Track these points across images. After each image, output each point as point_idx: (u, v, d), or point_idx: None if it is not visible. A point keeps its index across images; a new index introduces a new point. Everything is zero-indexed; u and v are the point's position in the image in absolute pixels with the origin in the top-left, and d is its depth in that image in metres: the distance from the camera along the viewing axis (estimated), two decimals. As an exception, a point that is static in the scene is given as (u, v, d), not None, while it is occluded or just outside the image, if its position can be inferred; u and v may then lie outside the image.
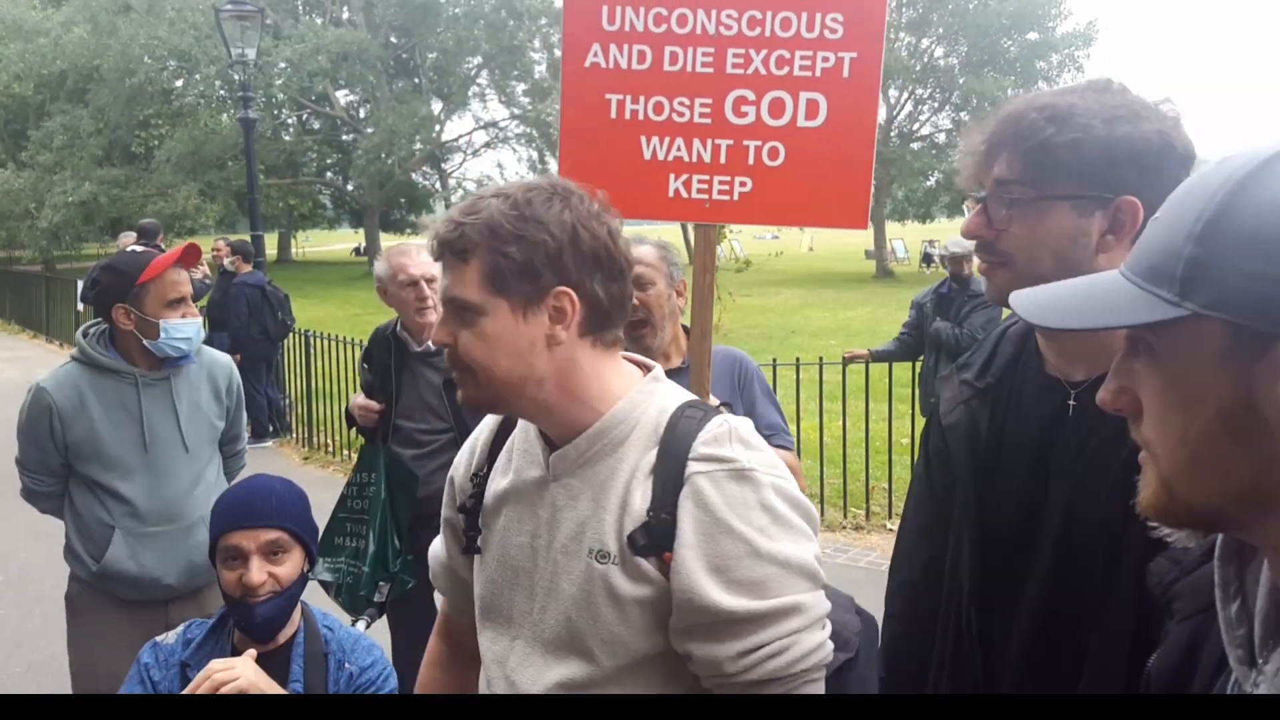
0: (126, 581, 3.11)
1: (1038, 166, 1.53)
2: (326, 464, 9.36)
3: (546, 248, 1.48)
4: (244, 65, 11.99)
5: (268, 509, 2.28)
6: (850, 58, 2.57)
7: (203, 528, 3.11)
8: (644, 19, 2.66)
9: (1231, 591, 0.92)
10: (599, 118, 2.69)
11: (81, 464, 3.12)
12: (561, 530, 1.54)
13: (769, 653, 1.43)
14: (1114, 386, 0.92)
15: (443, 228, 1.52)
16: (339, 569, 3.65)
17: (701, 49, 2.64)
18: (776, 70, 2.60)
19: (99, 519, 3.12)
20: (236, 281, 10.02)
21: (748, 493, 1.46)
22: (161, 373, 3.18)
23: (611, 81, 2.69)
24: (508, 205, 1.49)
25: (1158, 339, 0.85)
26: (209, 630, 2.32)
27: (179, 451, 3.19)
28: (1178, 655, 1.02)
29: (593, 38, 2.68)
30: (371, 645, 2.36)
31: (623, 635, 1.48)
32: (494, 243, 1.48)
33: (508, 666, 1.59)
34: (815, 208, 2.64)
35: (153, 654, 2.30)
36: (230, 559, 2.25)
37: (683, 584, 1.43)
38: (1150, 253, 0.86)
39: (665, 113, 2.67)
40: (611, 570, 1.48)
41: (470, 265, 1.49)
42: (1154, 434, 0.87)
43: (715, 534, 1.44)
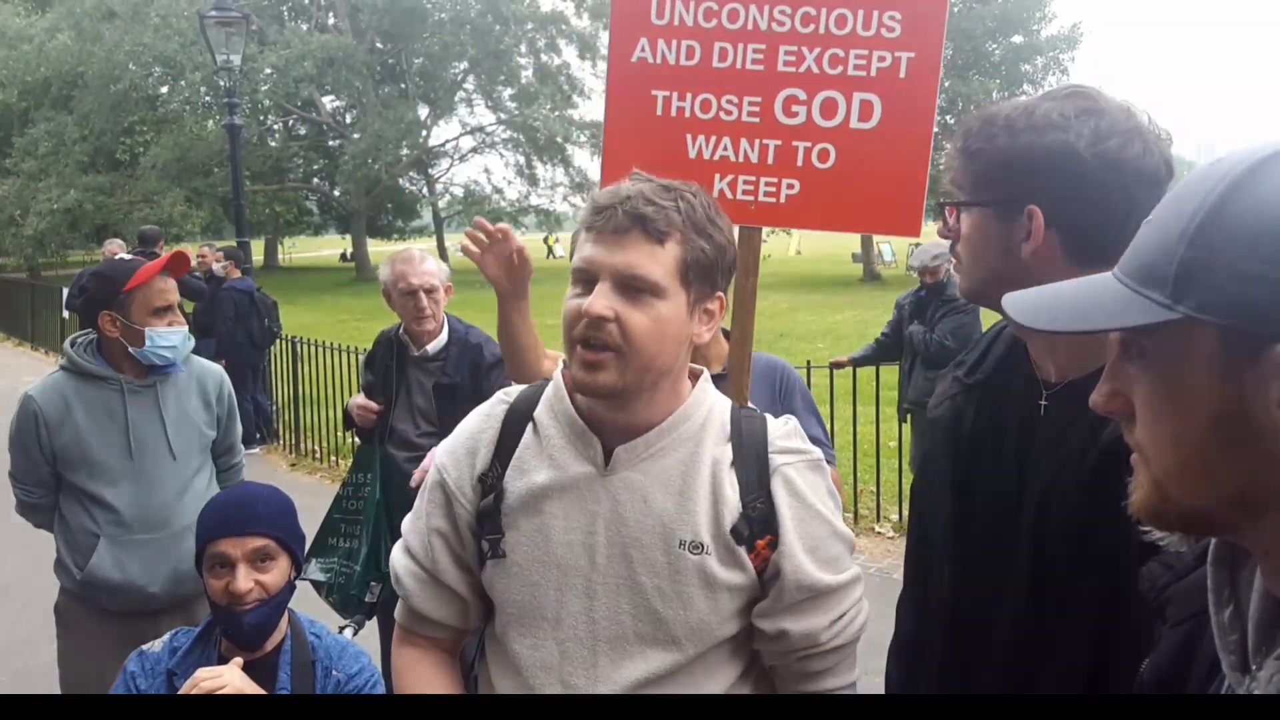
0: (110, 590, 3.08)
1: (970, 172, 1.60)
2: (314, 470, 9.33)
3: (725, 253, 1.59)
4: (229, 71, 11.95)
5: (254, 516, 2.28)
6: (908, 57, 2.46)
7: (189, 536, 3.09)
8: (694, 14, 2.56)
9: (1225, 597, 0.91)
10: (644, 114, 2.61)
11: (68, 471, 3.11)
12: (629, 524, 1.55)
13: (850, 618, 1.61)
14: (1107, 389, 0.91)
15: (634, 202, 1.50)
16: (331, 568, 3.65)
17: (752, 46, 2.54)
18: (830, 69, 2.51)
19: (85, 527, 3.11)
20: (225, 287, 10.00)
21: (821, 480, 1.62)
22: (148, 380, 3.15)
23: (658, 77, 2.60)
24: (700, 199, 1.56)
25: (1150, 342, 0.85)
26: (195, 638, 2.32)
27: (165, 459, 3.16)
28: (1170, 660, 1.01)
29: (640, 32, 2.59)
30: (359, 652, 2.35)
31: (710, 621, 1.55)
32: (693, 235, 1.53)
33: (563, 672, 1.56)
34: (866, 212, 2.55)
35: (139, 662, 2.29)
36: (217, 566, 2.24)
37: (791, 565, 1.55)
38: (1143, 255, 0.85)
39: (712, 110, 2.58)
40: (707, 560, 1.54)
41: (666, 249, 1.51)
42: (1146, 437, 0.87)
43: (807, 518, 1.57)
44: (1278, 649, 0.84)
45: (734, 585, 1.55)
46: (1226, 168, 0.81)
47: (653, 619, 1.54)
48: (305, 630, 2.34)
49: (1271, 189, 0.78)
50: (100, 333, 3.12)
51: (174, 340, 3.11)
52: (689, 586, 1.53)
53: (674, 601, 1.53)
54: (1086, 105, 1.53)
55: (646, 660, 1.54)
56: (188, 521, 3.07)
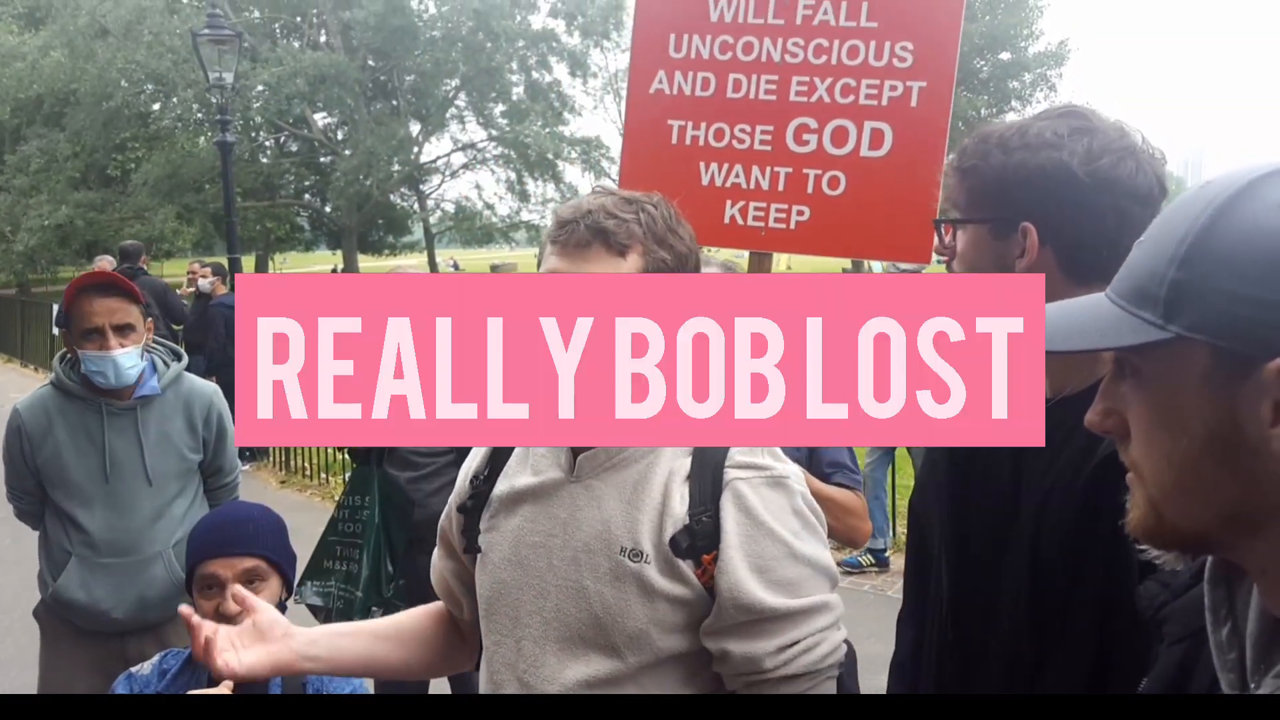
0: (76, 609, 3.06)
1: (965, 190, 1.62)
2: (304, 488, 9.30)
3: (686, 261, 1.58)
4: (221, 89, 11.99)
5: (244, 536, 2.25)
6: (919, 87, 2.51)
7: (160, 563, 3.08)
8: (710, 46, 2.62)
9: (1222, 615, 0.91)
10: (659, 143, 2.66)
11: (49, 488, 3.10)
12: (582, 529, 1.57)
13: (804, 648, 1.53)
14: (1101, 409, 0.92)
15: (598, 216, 1.53)
16: (329, 593, 3.59)
17: (766, 76, 2.60)
18: (841, 99, 2.55)
19: (60, 544, 3.10)
20: (214, 303, 9.98)
21: (782, 499, 1.56)
22: (129, 402, 3.09)
23: (674, 108, 2.66)
24: (658, 212, 1.57)
25: (1143, 361, 0.86)
26: (185, 661, 2.28)
27: (141, 484, 3.10)
28: (1168, 679, 1.01)
29: (659, 65, 2.65)
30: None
31: (650, 632, 1.52)
32: (653, 245, 1.54)
33: (519, 669, 1.60)
34: (875, 239, 2.57)
35: (127, 685, 2.27)
36: (207, 588, 2.22)
37: (728, 583, 1.50)
38: (1135, 275, 0.86)
39: (725, 139, 2.63)
40: (646, 569, 1.52)
41: (628, 260, 1.53)
42: (1141, 456, 0.87)
43: (757, 536, 1.52)
44: (1276, 667, 0.84)
45: (674, 597, 1.52)
46: (1215, 191, 0.83)
47: (595, 623, 1.55)
48: (296, 652, 2.32)
49: (1258, 212, 0.80)
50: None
51: (103, 365, 2.99)
52: (627, 594, 1.53)
53: (613, 608, 1.53)
54: (1080, 124, 1.56)
55: (588, 664, 1.55)
56: (160, 547, 3.08)
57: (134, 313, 3.04)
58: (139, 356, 3.06)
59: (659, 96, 2.69)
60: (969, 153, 1.61)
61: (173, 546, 3.11)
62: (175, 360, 3.30)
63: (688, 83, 2.66)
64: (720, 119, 2.64)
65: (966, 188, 1.62)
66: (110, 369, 2.99)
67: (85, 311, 2.97)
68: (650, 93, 2.69)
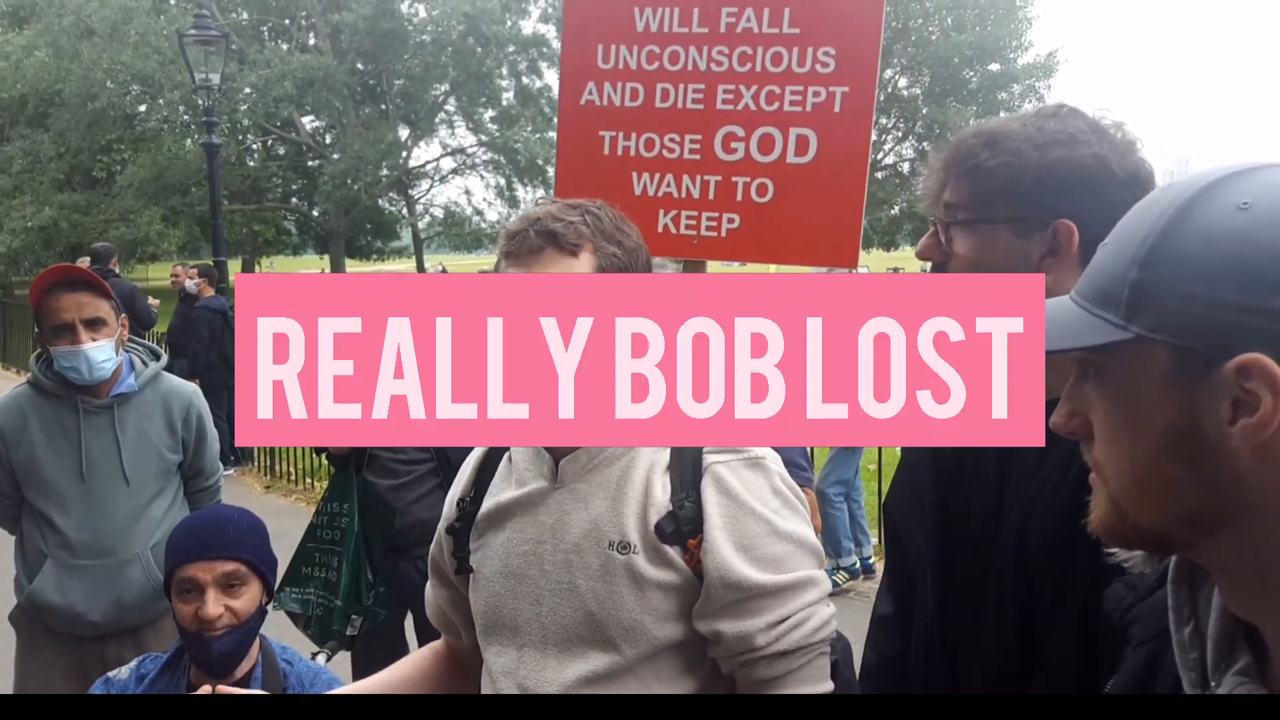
0: (52, 613, 3.02)
1: (976, 190, 1.58)
2: (289, 493, 9.26)
3: (637, 255, 1.63)
4: (208, 90, 11.93)
5: (225, 540, 2.21)
6: (842, 92, 2.54)
7: (138, 565, 3.04)
8: (637, 57, 2.66)
9: (1185, 615, 0.92)
10: (592, 155, 2.70)
11: (25, 488, 3.05)
12: (571, 531, 1.59)
13: (794, 623, 1.55)
14: (1065, 410, 0.93)
15: (547, 221, 1.57)
16: (308, 600, 3.56)
17: (693, 85, 2.63)
18: (766, 106, 2.59)
19: (36, 546, 3.05)
20: (199, 305, 9.93)
21: (761, 478, 1.59)
22: (105, 400, 3.05)
23: (605, 119, 2.70)
24: (605, 212, 1.62)
25: (1106, 362, 0.87)
26: (163, 665, 2.26)
27: (118, 484, 3.06)
28: (1134, 681, 1.02)
29: (588, 76, 2.69)
30: (332, 679, 2.30)
31: (644, 622, 1.54)
32: (603, 242, 1.58)
33: (519, 675, 1.61)
34: (804, 245, 2.60)
35: (104, 689, 2.24)
36: (186, 592, 2.18)
37: (715, 563, 1.52)
38: (1098, 277, 0.88)
39: (656, 149, 2.67)
40: (635, 559, 1.54)
41: (581, 260, 1.57)
42: (1104, 455, 0.88)
43: (739, 516, 1.55)
44: (1235, 665, 0.86)
45: (665, 584, 1.54)
46: (1176, 192, 0.84)
47: (590, 621, 1.56)
48: (277, 656, 2.29)
49: (1218, 212, 0.81)
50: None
51: (74, 361, 2.96)
52: (619, 586, 1.55)
53: (607, 602, 1.55)
54: (1092, 121, 1.57)
55: (587, 661, 1.57)
56: (138, 549, 3.04)
57: (104, 307, 3.00)
58: (112, 351, 3.01)
59: (589, 108, 2.72)
60: (978, 151, 1.57)
61: (151, 549, 3.06)
62: (154, 359, 3.26)
63: (617, 93, 2.69)
64: (650, 129, 2.67)
65: (978, 188, 1.58)
66: (83, 364, 2.95)
67: (54, 308, 2.94)
68: (581, 104, 2.73)
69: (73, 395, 3.04)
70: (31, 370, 3.13)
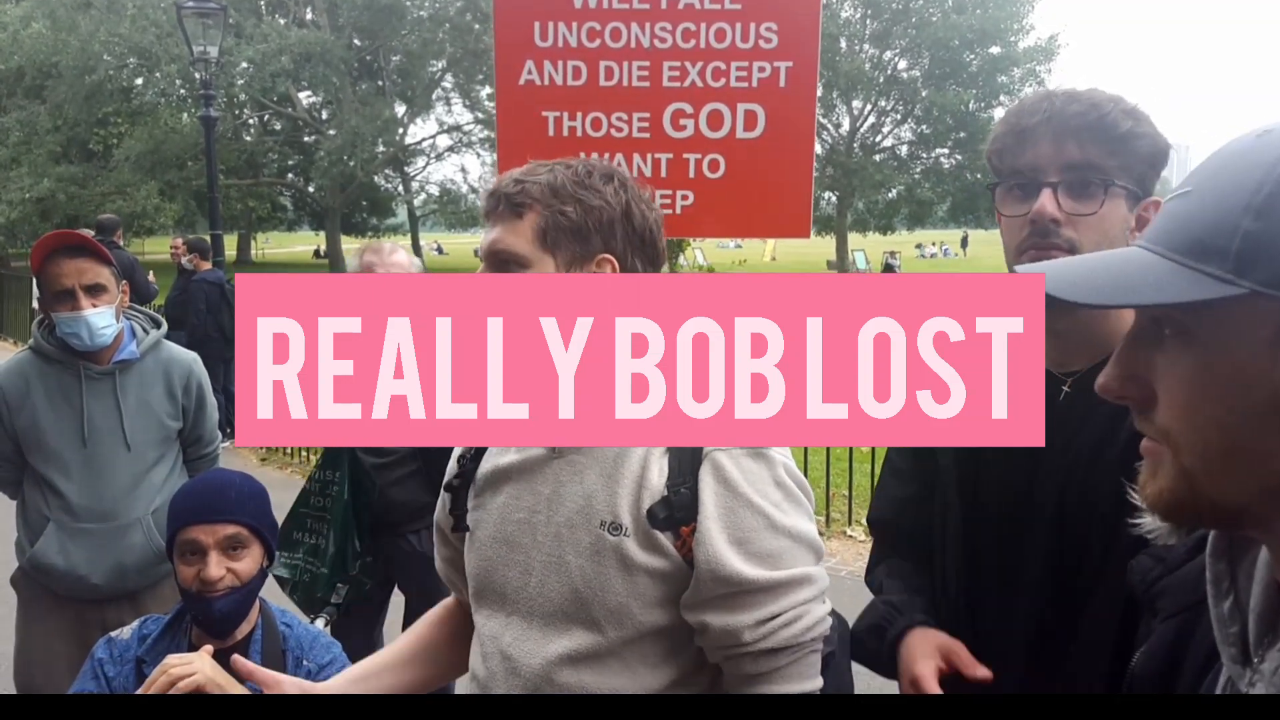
0: (54, 575, 3.06)
1: (1117, 156, 1.56)
2: (285, 465, 9.28)
3: (601, 214, 1.58)
4: (205, 63, 11.90)
5: (226, 503, 2.25)
6: (786, 67, 2.58)
7: (139, 529, 3.09)
8: (577, 34, 2.64)
9: (1224, 588, 0.88)
10: (536, 136, 2.68)
11: (28, 453, 3.10)
12: (565, 504, 1.58)
13: (784, 621, 1.51)
14: (1118, 373, 0.86)
15: (503, 184, 1.60)
16: (295, 565, 3.58)
17: (637, 63, 2.63)
18: (713, 82, 2.61)
19: (38, 509, 3.09)
20: (195, 279, 9.92)
21: (763, 469, 1.54)
22: (107, 366, 3.09)
23: (547, 99, 2.68)
24: (569, 172, 1.60)
25: (1195, 319, 0.79)
26: (165, 626, 2.29)
27: (119, 449, 3.10)
28: (1162, 654, 1.00)
29: (526, 55, 2.66)
30: (330, 643, 2.34)
31: (630, 606, 1.53)
32: (552, 201, 1.57)
33: (503, 642, 1.61)
34: (758, 218, 2.65)
35: (107, 649, 2.27)
36: (188, 554, 2.21)
37: (706, 554, 1.49)
38: (1190, 227, 0.80)
39: (604, 128, 2.67)
40: (625, 542, 1.53)
41: (525, 220, 1.57)
42: (1178, 423, 0.81)
43: (735, 507, 1.51)
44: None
45: (654, 570, 1.52)
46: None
47: (576, 598, 1.55)
48: (276, 619, 2.32)
49: None
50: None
51: (75, 327, 2.99)
52: (607, 568, 1.53)
53: (594, 582, 1.54)
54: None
55: (570, 637, 1.56)
56: (139, 514, 3.09)
57: (105, 273, 3.02)
58: (113, 317, 3.04)
59: (530, 88, 2.69)
60: (1114, 119, 1.55)
61: (152, 514, 3.11)
62: (155, 327, 3.30)
63: (558, 72, 2.67)
64: (596, 108, 2.67)
65: (1110, 152, 1.56)
66: (84, 329, 2.98)
67: (55, 274, 2.97)
68: (520, 84, 2.69)
69: (75, 361, 3.07)
70: (34, 336, 3.16)
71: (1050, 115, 1.56)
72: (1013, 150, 1.61)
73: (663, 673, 1.57)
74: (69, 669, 2.70)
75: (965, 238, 57.72)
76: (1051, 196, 1.56)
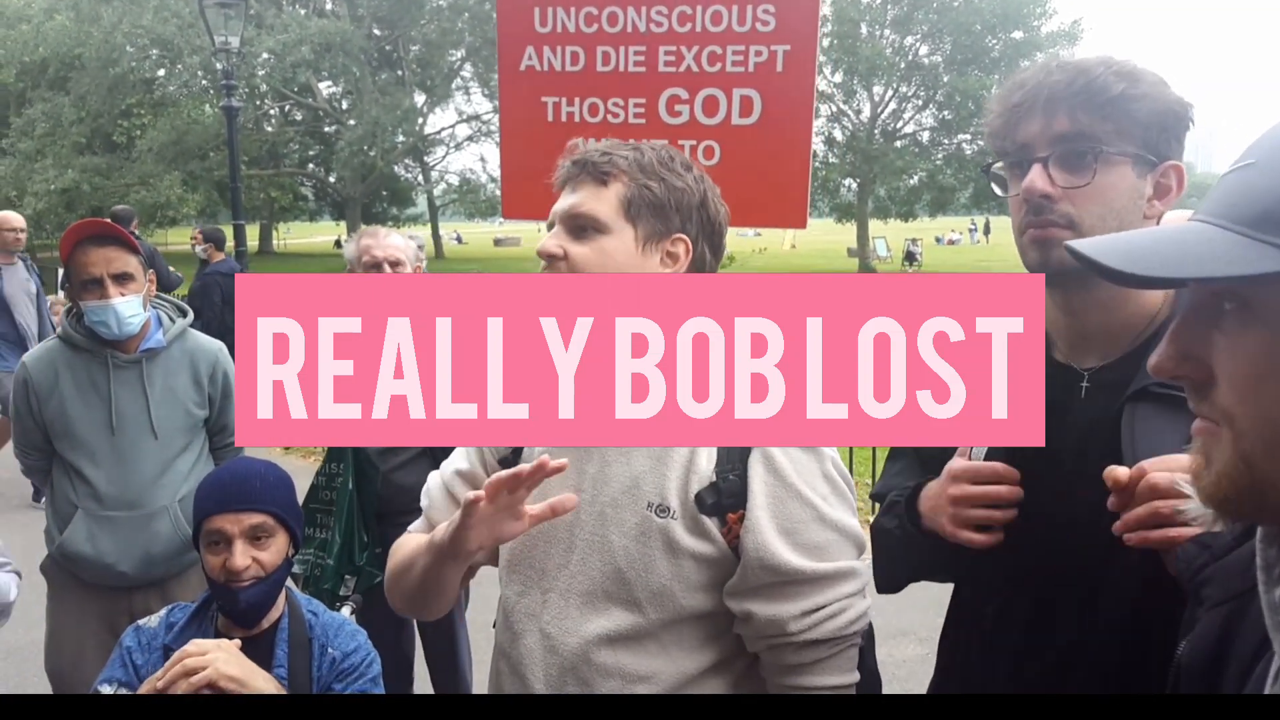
0: (82, 563, 3.09)
1: (1111, 121, 1.48)
2: (307, 454, 9.32)
3: (683, 195, 1.61)
4: (227, 53, 11.94)
5: (251, 492, 2.25)
6: (783, 50, 2.52)
7: (165, 518, 3.12)
8: (575, 19, 2.62)
9: (1275, 575, 0.85)
10: (536, 121, 2.67)
11: (56, 441, 3.13)
12: (611, 484, 1.59)
13: (829, 613, 1.53)
14: (1173, 351, 0.83)
15: (589, 152, 1.62)
16: (306, 560, 3.58)
17: (633, 48, 2.61)
18: (709, 67, 2.57)
19: (67, 497, 3.13)
20: (208, 271, 9.93)
21: (813, 462, 1.56)
22: (134, 355, 3.12)
23: (546, 84, 2.67)
24: (654, 153, 1.63)
25: (1263, 295, 0.76)
26: (192, 614, 2.30)
27: (147, 437, 3.13)
28: (1210, 643, 0.97)
29: (526, 41, 2.65)
30: (355, 631, 2.35)
31: (673, 589, 1.54)
32: (639, 175, 1.59)
33: (542, 620, 1.62)
34: (753, 207, 2.58)
35: (135, 637, 2.28)
36: (214, 543, 2.22)
37: (755, 543, 1.51)
38: (1258, 199, 0.76)
39: (600, 114, 2.65)
40: (671, 524, 1.54)
41: (610, 189, 1.59)
42: (1242, 405, 0.77)
43: (785, 498, 1.52)
44: None
45: (699, 554, 1.53)
46: None
47: (618, 578, 1.56)
48: (302, 608, 2.33)
49: None
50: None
51: (103, 315, 3.02)
52: (652, 550, 1.54)
53: (638, 563, 1.55)
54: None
55: (610, 617, 1.57)
56: (165, 502, 3.12)
57: (132, 262, 3.05)
58: (140, 306, 3.08)
59: (530, 74, 2.67)
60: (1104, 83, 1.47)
61: (178, 502, 3.14)
62: (181, 316, 3.32)
63: (557, 58, 2.65)
64: (593, 94, 2.65)
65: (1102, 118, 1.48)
66: (112, 318, 3.01)
67: (83, 263, 3.00)
68: (521, 70, 2.68)
69: (103, 350, 3.10)
70: (62, 324, 3.19)
71: (1037, 88, 1.51)
72: (1006, 128, 1.56)
73: (698, 658, 1.59)
74: (98, 656, 2.73)
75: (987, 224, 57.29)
76: (1041, 171, 1.50)
